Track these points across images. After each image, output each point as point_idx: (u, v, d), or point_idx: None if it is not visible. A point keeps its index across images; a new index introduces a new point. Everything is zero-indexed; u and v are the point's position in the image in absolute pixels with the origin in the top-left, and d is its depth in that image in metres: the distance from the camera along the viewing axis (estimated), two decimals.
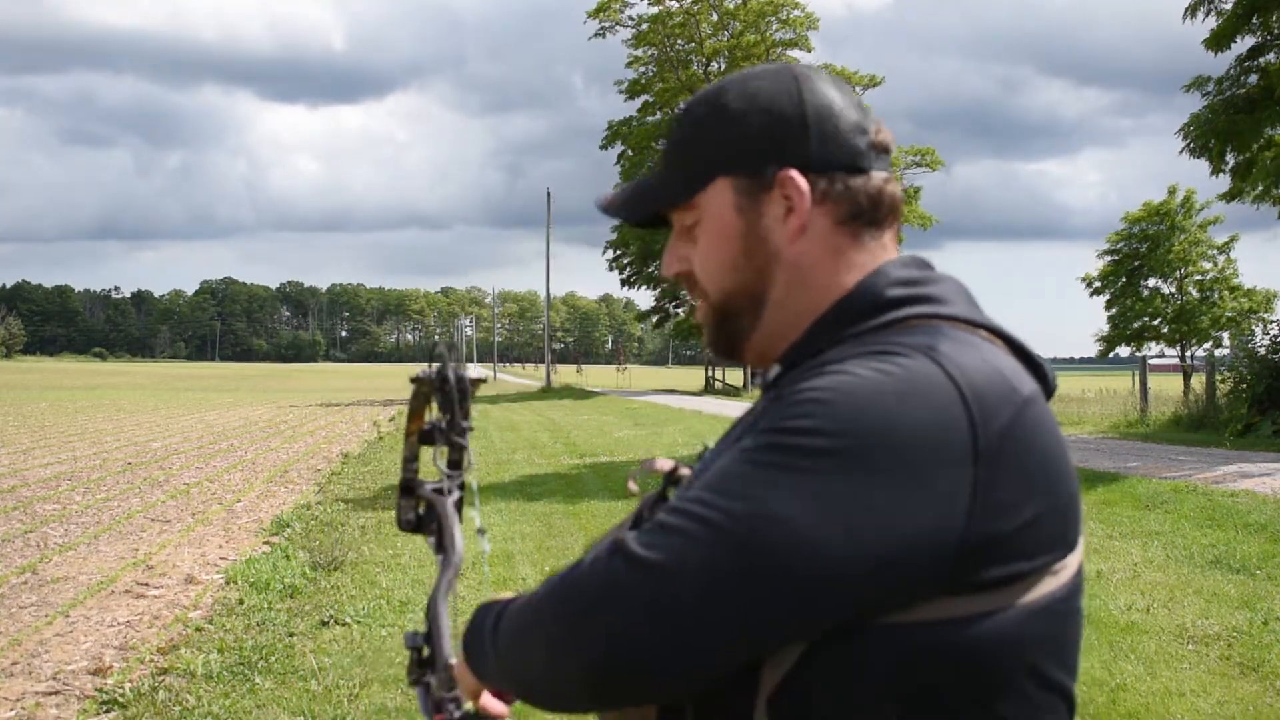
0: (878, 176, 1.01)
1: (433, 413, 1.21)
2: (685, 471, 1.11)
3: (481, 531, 1.30)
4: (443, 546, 1.19)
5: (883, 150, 1.02)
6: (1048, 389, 0.97)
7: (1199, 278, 28.48)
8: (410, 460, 1.25)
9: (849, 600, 0.83)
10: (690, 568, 0.81)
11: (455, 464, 1.22)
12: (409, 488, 1.26)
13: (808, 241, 1.00)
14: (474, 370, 1.20)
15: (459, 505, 1.22)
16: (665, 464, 1.14)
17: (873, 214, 1.01)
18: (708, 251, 1.03)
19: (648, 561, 0.82)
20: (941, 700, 0.86)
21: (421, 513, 1.26)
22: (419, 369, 1.20)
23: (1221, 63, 16.18)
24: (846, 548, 0.81)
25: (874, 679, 0.85)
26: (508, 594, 1.01)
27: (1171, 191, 28.36)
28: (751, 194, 1.00)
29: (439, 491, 1.23)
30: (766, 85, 1.01)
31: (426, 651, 1.13)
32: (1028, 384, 0.91)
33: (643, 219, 1.09)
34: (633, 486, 1.23)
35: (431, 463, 1.21)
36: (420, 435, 1.22)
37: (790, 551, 0.80)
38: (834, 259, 1.00)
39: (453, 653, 1.10)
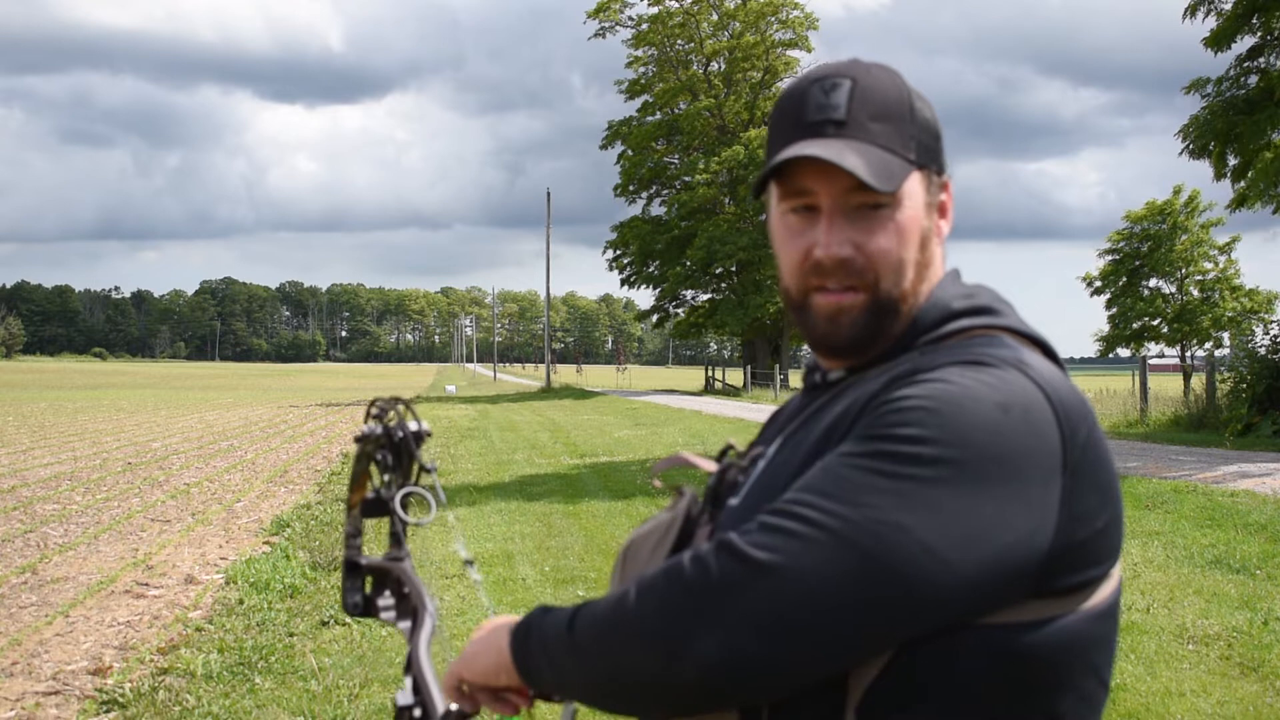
0: (946, 183, 1.07)
1: (374, 480, 1.15)
2: (709, 466, 1.11)
3: (470, 563, 1.27)
4: (408, 612, 1.13)
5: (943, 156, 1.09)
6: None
7: (1200, 278, 28.48)
8: (354, 536, 1.19)
9: (959, 606, 0.85)
10: (810, 570, 0.81)
11: (398, 538, 1.15)
12: (354, 565, 1.18)
13: (939, 245, 1.06)
14: (423, 424, 1.15)
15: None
16: (699, 461, 1.15)
17: (948, 212, 1.07)
18: (897, 242, 0.99)
19: (763, 563, 0.82)
20: (1017, 699, 0.89)
21: (368, 592, 1.20)
22: (363, 428, 1.14)
23: (1221, 63, 16.21)
24: (962, 556, 0.82)
25: (960, 682, 0.88)
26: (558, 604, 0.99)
27: (1176, 191, 28.35)
28: (932, 194, 1.03)
29: (394, 559, 1.16)
30: (912, 88, 1.04)
31: (419, 713, 1.07)
32: (1089, 404, 0.95)
33: (893, 187, 0.97)
34: (657, 483, 1.23)
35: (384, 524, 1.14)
36: (363, 506, 1.15)
37: (910, 560, 0.81)
38: (934, 266, 1.04)
39: (443, 700, 1.06)
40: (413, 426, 1.14)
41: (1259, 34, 14.84)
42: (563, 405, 30.19)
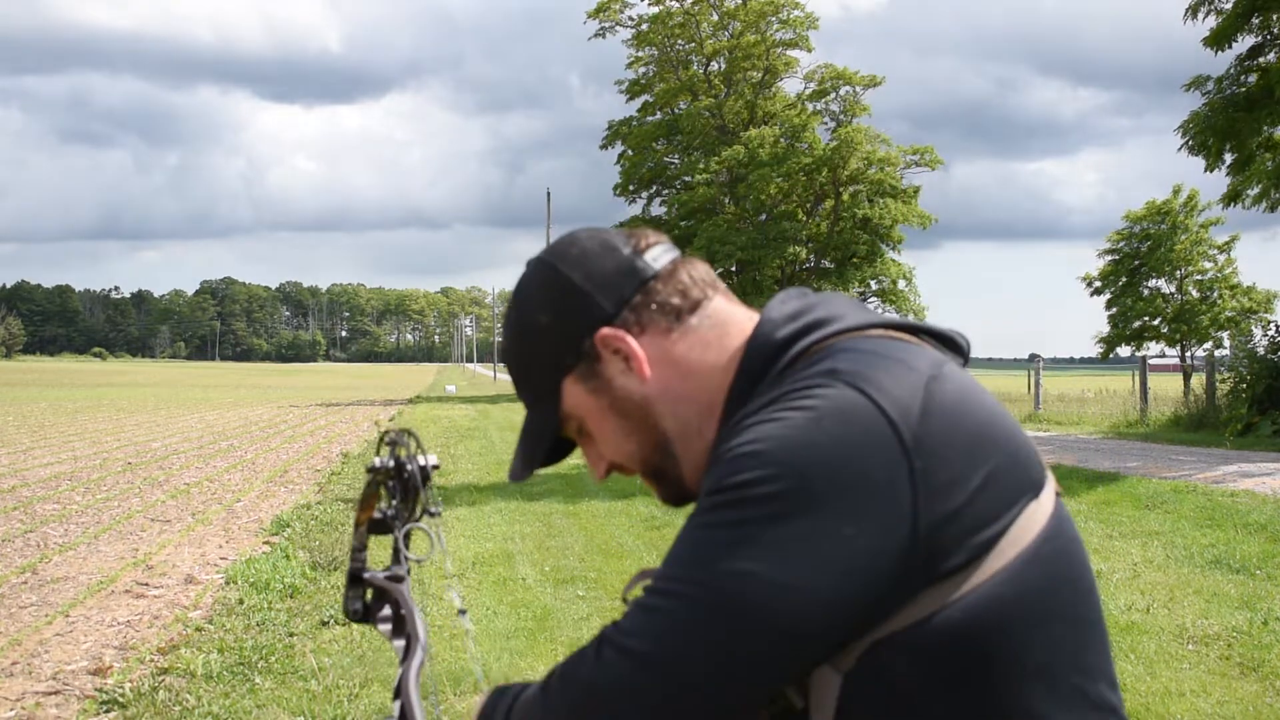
0: (662, 268, 1.05)
1: (383, 501, 1.19)
2: None
3: (463, 612, 1.33)
4: (404, 633, 1.16)
5: (648, 247, 1.06)
6: (962, 354, 1.03)
7: (1199, 277, 28.46)
8: (359, 550, 1.23)
9: (838, 626, 0.85)
10: (677, 648, 0.84)
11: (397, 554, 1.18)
12: (357, 577, 1.24)
13: (661, 367, 1.03)
14: (431, 458, 1.18)
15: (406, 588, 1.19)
16: None
17: (688, 298, 1.05)
18: (602, 439, 1.07)
19: (636, 652, 0.85)
20: (961, 689, 0.88)
21: (369, 601, 1.25)
22: (374, 459, 1.18)
23: (1221, 63, 16.20)
24: (816, 579, 0.83)
25: (900, 695, 0.88)
26: (517, 681, 1.01)
27: (1176, 191, 28.33)
28: (590, 372, 1.04)
29: (394, 579, 1.20)
30: (534, 293, 1.07)
31: None
32: (926, 360, 0.94)
33: (546, 456, 1.11)
34: None
35: (392, 545, 1.17)
36: (370, 525, 1.19)
37: (767, 602, 0.83)
38: (698, 356, 1.03)
39: None
40: (422, 461, 1.17)
41: (1258, 34, 14.85)
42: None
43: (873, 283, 33.49)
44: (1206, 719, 4.07)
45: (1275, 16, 14.41)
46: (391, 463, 1.16)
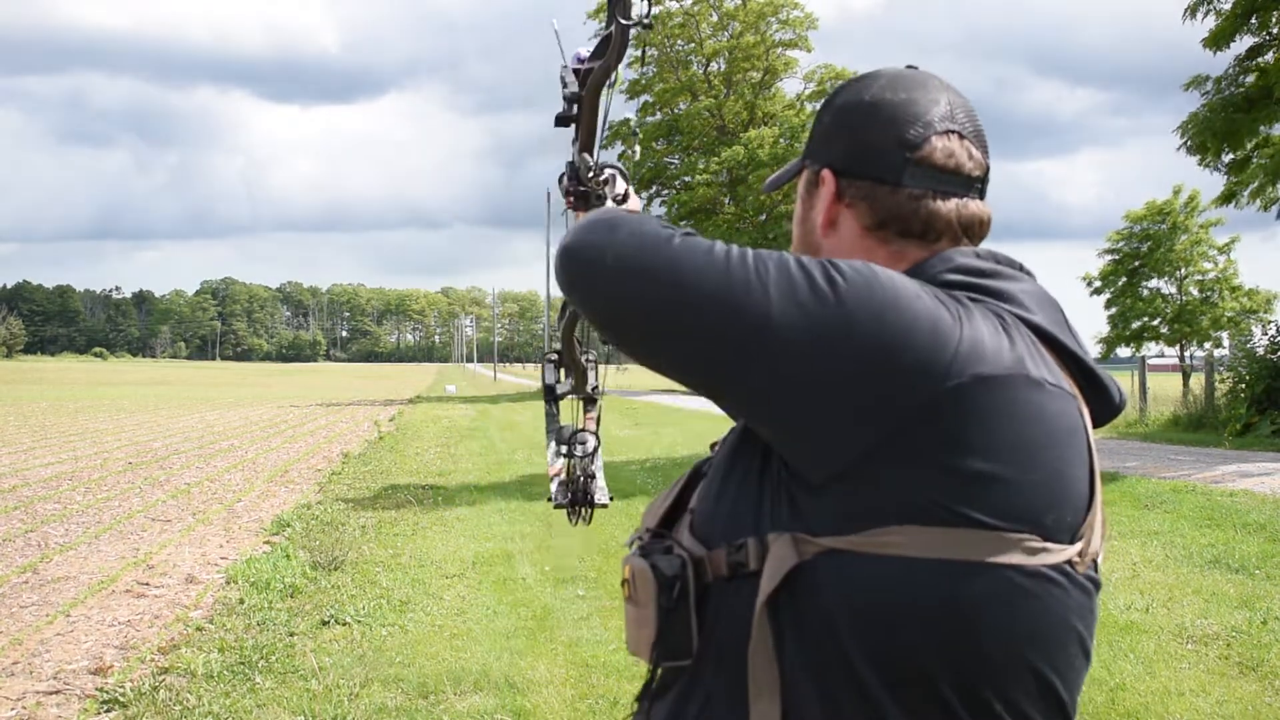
0: (912, 192, 1.04)
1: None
2: None
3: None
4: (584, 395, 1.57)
5: (935, 168, 1.04)
6: (1109, 405, 1.05)
7: (1199, 278, 28.45)
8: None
9: (760, 393, 0.93)
10: (693, 265, 0.95)
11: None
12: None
13: (838, 238, 1.08)
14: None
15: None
16: None
17: (905, 226, 1.04)
18: (793, 227, 1.16)
19: (678, 243, 0.98)
20: (878, 645, 0.91)
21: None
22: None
23: (1220, 63, 16.20)
24: (788, 352, 0.90)
25: (833, 610, 0.91)
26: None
27: (1176, 192, 28.33)
28: (810, 185, 1.11)
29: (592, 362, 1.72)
30: (854, 84, 1.11)
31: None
32: (1043, 366, 0.96)
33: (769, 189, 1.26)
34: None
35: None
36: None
37: (750, 315, 0.91)
38: (865, 258, 1.03)
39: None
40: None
41: (1258, 34, 14.86)
42: (563, 405, 30.12)
43: None
44: (1206, 718, 4.08)
45: (1274, 17, 14.41)
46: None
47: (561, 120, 1.56)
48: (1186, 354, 27.24)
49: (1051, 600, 0.93)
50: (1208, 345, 27.46)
